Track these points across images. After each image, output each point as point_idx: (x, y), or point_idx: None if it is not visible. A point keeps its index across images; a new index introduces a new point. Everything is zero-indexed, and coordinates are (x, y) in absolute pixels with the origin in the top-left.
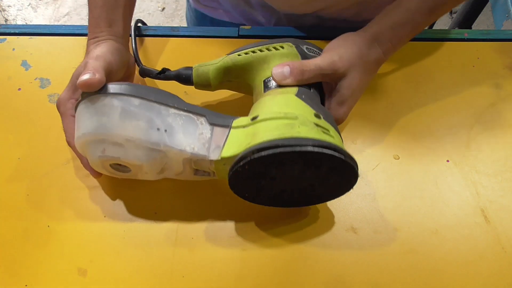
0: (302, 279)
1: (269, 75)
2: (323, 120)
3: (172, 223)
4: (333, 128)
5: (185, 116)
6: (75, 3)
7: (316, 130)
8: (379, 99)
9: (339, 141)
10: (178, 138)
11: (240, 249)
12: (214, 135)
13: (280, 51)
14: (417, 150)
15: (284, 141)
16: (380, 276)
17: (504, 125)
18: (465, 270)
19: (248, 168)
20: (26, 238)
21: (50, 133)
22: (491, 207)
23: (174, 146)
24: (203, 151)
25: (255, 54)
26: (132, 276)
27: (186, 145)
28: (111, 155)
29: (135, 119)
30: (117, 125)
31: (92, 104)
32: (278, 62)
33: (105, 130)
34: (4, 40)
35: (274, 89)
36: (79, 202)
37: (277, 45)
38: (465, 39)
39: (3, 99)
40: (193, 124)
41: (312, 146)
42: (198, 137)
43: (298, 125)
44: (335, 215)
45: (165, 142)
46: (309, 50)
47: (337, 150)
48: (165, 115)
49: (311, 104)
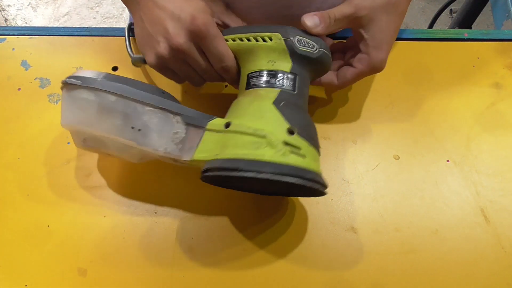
0: (302, 279)
1: (254, 68)
2: (296, 135)
3: (172, 223)
4: (307, 144)
5: (160, 114)
6: (75, 3)
7: (282, 152)
8: (379, 99)
9: (311, 157)
10: (152, 137)
11: (240, 249)
12: (189, 135)
13: (268, 43)
14: (417, 150)
15: (245, 164)
16: (380, 276)
17: (504, 125)
18: (465, 270)
19: (213, 178)
20: (26, 238)
21: (50, 133)
22: (491, 207)
23: (147, 146)
24: (176, 152)
25: (243, 42)
26: (132, 276)
27: (159, 146)
28: (91, 145)
29: (111, 116)
30: (94, 122)
31: (71, 95)
32: (264, 57)
33: (82, 125)
34: (4, 40)
35: (255, 89)
36: (79, 202)
37: (265, 35)
38: (465, 39)
39: (3, 99)
40: (168, 123)
41: (270, 173)
42: (172, 137)
43: (265, 146)
44: (335, 215)
45: (138, 141)
46: (301, 43)
47: (296, 175)
48: (140, 113)
49: (289, 114)
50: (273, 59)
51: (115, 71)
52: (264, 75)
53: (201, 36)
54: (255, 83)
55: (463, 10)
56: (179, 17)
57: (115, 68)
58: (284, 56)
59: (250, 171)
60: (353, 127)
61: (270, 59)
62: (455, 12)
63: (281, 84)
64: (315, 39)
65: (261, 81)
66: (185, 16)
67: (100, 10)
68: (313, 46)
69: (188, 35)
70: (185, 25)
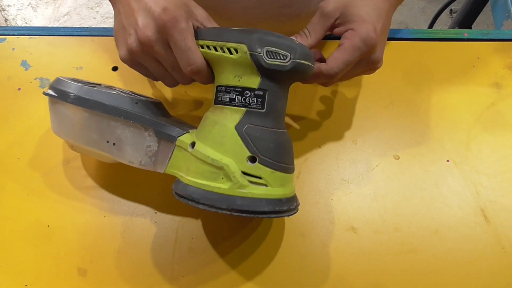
0: (302, 279)
1: (222, 82)
2: (258, 164)
3: (172, 223)
4: (270, 170)
5: (133, 127)
6: (75, 3)
7: (239, 184)
8: (379, 99)
9: (276, 183)
10: (126, 151)
11: (240, 249)
12: (161, 149)
13: (233, 57)
14: (417, 150)
15: (201, 196)
16: (380, 276)
17: (504, 125)
18: (465, 270)
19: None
20: (26, 238)
21: (50, 133)
22: (491, 207)
23: (122, 159)
24: (150, 165)
25: (210, 52)
26: (132, 276)
27: (133, 159)
28: (78, 151)
29: (88, 131)
30: (74, 134)
31: (52, 107)
32: (231, 70)
33: (65, 136)
34: (4, 40)
35: (221, 106)
36: (79, 202)
37: (231, 47)
38: (465, 39)
39: (3, 99)
40: (141, 136)
41: (224, 209)
42: (145, 150)
43: (221, 177)
44: (335, 215)
45: (113, 155)
46: (270, 55)
47: (250, 210)
48: (114, 127)
49: (253, 138)
50: (239, 74)
51: (115, 71)
52: (230, 92)
53: (168, 29)
54: (221, 99)
55: (463, 10)
56: (150, 9)
57: (115, 68)
58: (251, 71)
59: (204, 204)
60: (353, 127)
61: (236, 74)
62: (455, 12)
63: (248, 103)
64: (290, 48)
65: (227, 99)
66: (156, 8)
67: (100, 10)
68: (285, 57)
69: (156, 27)
70: (154, 16)
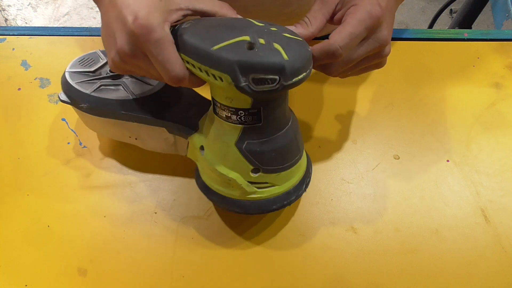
0: (302, 279)
1: (216, 98)
2: (261, 173)
3: (172, 223)
4: (274, 174)
5: (146, 127)
6: (75, 2)
7: (248, 192)
8: (379, 99)
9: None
10: (148, 142)
11: (240, 249)
12: (177, 139)
13: (219, 83)
14: (417, 150)
15: (219, 199)
16: (380, 276)
17: (504, 125)
18: (465, 270)
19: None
20: (26, 238)
21: (50, 133)
22: (491, 207)
23: (147, 148)
24: (172, 151)
25: (196, 71)
26: (132, 276)
27: (157, 147)
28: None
29: (109, 127)
30: (98, 129)
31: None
32: (221, 93)
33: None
34: (4, 40)
35: (219, 119)
36: (79, 202)
37: (215, 74)
38: (465, 39)
39: (3, 99)
40: (157, 132)
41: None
42: (164, 141)
43: (232, 186)
44: (335, 215)
45: (138, 145)
46: (258, 82)
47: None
48: (130, 127)
49: (253, 153)
50: (230, 96)
51: None
52: (225, 110)
53: (142, 41)
54: (219, 113)
55: (463, 10)
56: (124, 19)
57: None
58: (240, 96)
59: (223, 205)
60: (353, 127)
61: (227, 96)
62: (455, 12)
63: (244, 121)
64: (277, 70)
65: (223, 115)
66: (128, 17)
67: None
68: (273, 81)
69: (130, 40)
70: (126, 29)
